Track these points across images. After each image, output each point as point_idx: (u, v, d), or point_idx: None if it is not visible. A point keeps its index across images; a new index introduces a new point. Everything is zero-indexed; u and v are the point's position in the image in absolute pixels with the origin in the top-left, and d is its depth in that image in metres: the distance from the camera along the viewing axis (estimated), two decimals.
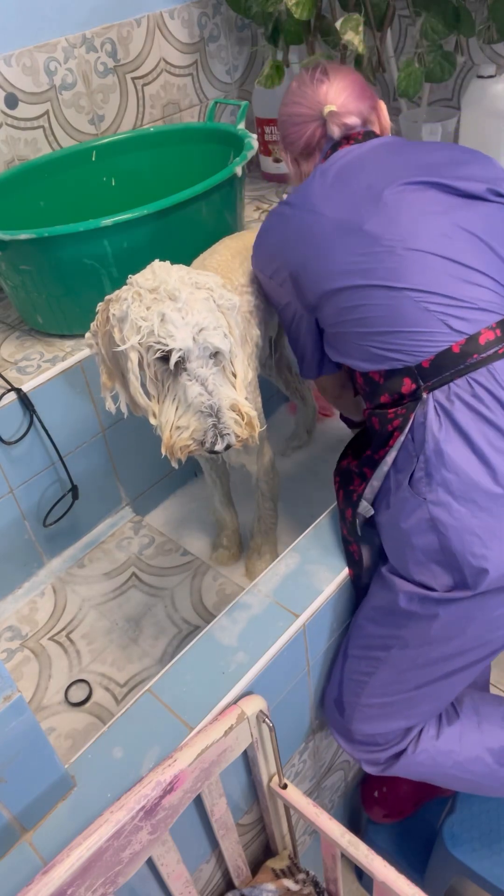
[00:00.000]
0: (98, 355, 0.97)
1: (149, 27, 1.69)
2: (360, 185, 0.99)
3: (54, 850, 0.77)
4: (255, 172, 2.04)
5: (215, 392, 0.89)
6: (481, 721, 1.07)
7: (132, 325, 0.88)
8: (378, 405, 0.99)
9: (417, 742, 1.05)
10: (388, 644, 0.97)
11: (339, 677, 1.05)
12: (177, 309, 0.87)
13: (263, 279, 1.11)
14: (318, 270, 0.99)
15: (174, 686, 0.90)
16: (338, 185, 1.01)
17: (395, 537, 0.95)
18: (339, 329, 1.00)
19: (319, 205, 1.00)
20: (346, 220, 0.97)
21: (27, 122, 1.56)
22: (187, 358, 0.88)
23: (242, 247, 1.22)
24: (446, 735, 1.06)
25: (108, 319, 0.92)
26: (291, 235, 1.02)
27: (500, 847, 1.16)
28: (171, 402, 0.90)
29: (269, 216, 1.08)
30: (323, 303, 1.00)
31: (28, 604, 1.42)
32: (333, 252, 0.97)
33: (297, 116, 1.11)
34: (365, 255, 0.95)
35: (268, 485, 1.33)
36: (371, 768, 1.08)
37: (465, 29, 1.54)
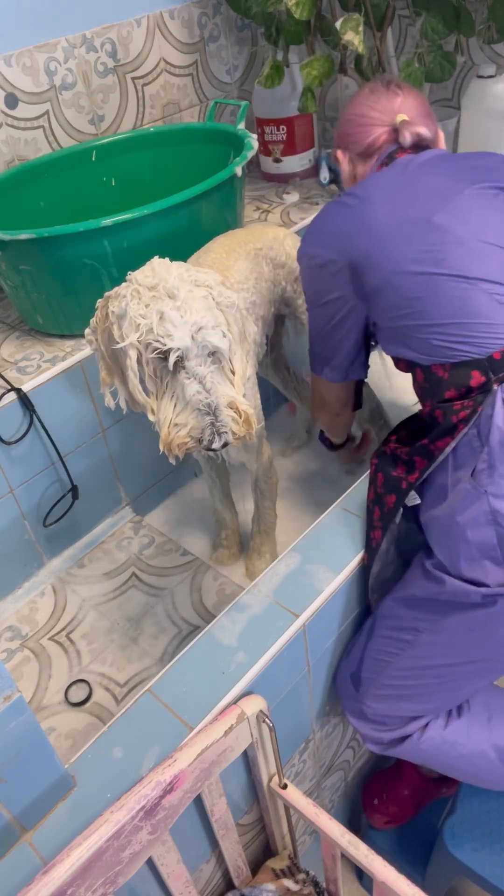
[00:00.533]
0: (97, 351, 0.97)
1: (149, 27, 1.69)
2: (426, 184, 1.00)
3: (54, 850, 0.77)
4: (255, 172, 2.04)
5: (213, 390, 0.89)
6: (491, 717, 1.07)
7: (131, 322, 0.88)
8: (442, 400, 0.97)
9: (424, 730, 1.06)
10: (420, 628, 0.97)
11: (360, 654, 1.05)
12: (175, 307, 0.87)
13: (312, 268, 1.07)
14: (382, 258, 0.97)
15: (174, 686, 0.90)
16: (403, 182, 1.01)
17: (448, 532, 0.93)
18: (399, 322, 0.98)
19: (385, 197, 1.00)
20: (413, 213, 0.97)
21: (27, 122, 1.56)
22: (186, 356, 0.88)
23: (237, 244, 1.22)
24: (454, 727, 1.06)
25: (107, 316, 0.92)
26: (355, 225, 1.00)
27: (500, 847, 1.16)
28: (170, 399, 0.91)
29: (328, 206, 1.06)
30: (384, 292, 0.98)
31: (28, 604, 1.42)
32: (400, 241, 0.96)
33: (366, 118, 1.12)
34: (434, 245, 0.94)
35: (266, 484, 1.33)
36: (374, 747, 1.10)
37: (465, 29, 1.55)
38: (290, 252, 1.30)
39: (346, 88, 2.04)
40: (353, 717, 1.09)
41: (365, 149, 1.13)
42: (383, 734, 1.07)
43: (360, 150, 1.14)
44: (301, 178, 1.97)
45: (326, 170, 1.90)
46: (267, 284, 1.25)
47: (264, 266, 1.25)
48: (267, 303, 1.26)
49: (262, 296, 1.23)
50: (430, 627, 0.97)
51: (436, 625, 0.96)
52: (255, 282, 1.20)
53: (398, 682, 1.02)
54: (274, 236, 1.30)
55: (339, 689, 1.11)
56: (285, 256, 1.29)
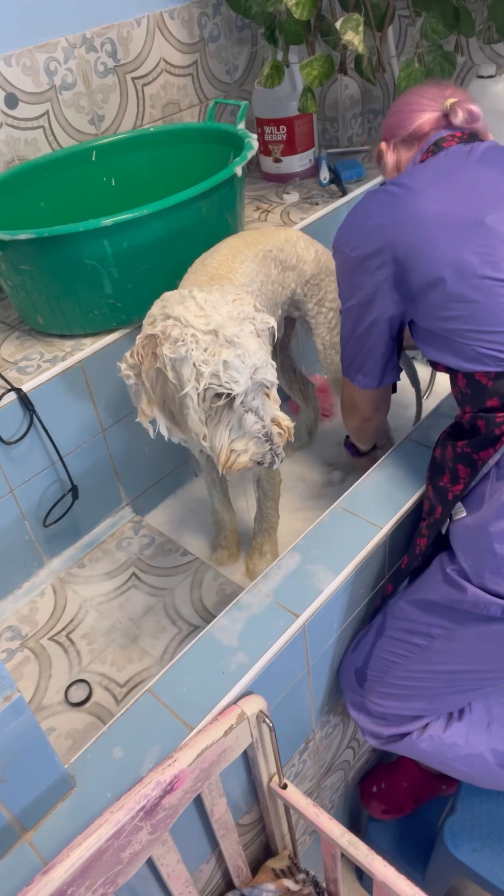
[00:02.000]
0: (137, 385, 0.98)
1: (149, 27, 1.69)
2: (480, 180, 0.96)
3: (54, 850, 0.77)
4: (255, 172, 2.04)
5: (265, 417, 0.95)
6: (491, 721, 1.07)
7: (193, 369, 0.91)
8: (484, 409, 0.95)
9: (424, 730, 1.06)
10: (433, 634, 0.96)
11: (368, 651, 1.05)
12: (237, 355, 0.90)
13: (351, 260, 1.01)
14: (431, 255, 0.93)
15: (174, 686, 0.90)
16: (456, 176, 0.97)
17: (477, 541, 0.91)
18: (444, 325, 0.95)
19: (436, 191, 0.96)
20: (466, 211, 0.93)
21: (27, 122, 1.56)
22: (245, 394, 0.93)
23: (245, 246, 1.22)
24: (454, 729, 1.06)
25: (154, 356, 0.94)
26: (403, 216, 0.96)
27: (500, 847, 1.16)
28: (225, 427, 0.95)
29: (372, 194, 1.02)
30: (430, 292, 0.95)
31: (28, 604, 1.42)
32: (451, 239, 0.92)
33: (414, 104, 1.10)
34: (486, 248, 0.91)
35: (269, 484, 1.33)
36: (373, 740, 1.10)
37: (465, 29, 1.55)
38: (301, 255, 1.30)
39: (346, 88, 2.04)
40: (354, 710, 1.09)
41: (411, 133, 1.09)
42: (383, 729, 1.07)
43: (406, 135, 1.10)
44: (301, 178, 1.97)
45: (326, 170, 1.90)
46: (274, 287, 1.25)
47: (272, 268, 1.25)
48: (273, 305, 1.26)
49: (267, 298, 1.23)
50: (444, 634, 0.96)
51: (450, 632, 0.95)
52: (260, 284, 1.20)
53: (404, 683, 1.02)
54: (286, 238, 1.29)
55: (342, 682, 1.11)
56: (296, 259, 1.29)
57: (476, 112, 1.07)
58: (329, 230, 1.78)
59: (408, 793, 1.36)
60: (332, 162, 1.93)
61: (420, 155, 1.07)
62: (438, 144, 1.05)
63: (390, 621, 1.03)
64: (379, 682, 1.04)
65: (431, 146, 1.06)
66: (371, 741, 1.10)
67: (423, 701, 1.03)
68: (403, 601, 1.01)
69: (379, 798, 1.37)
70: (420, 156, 1.07)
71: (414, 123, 1.09)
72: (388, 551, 1.10)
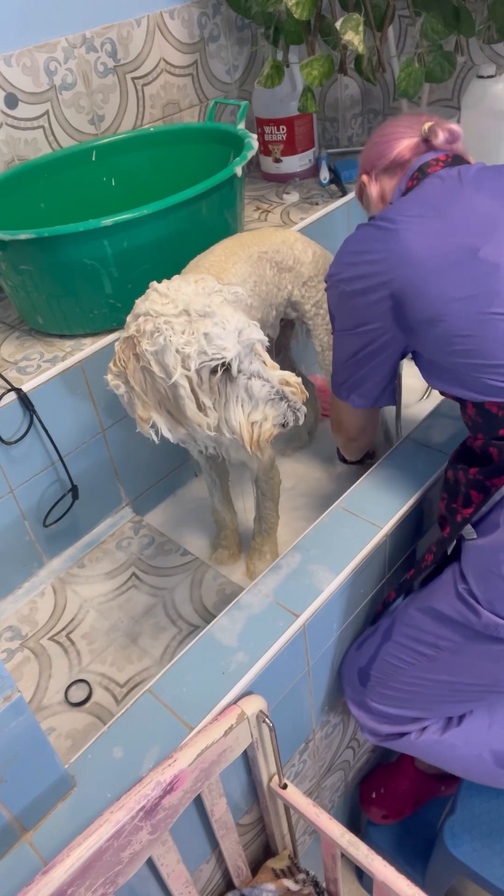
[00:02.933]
0: (129, 393, 0.97)
1: (149, 27, 1.69)
2: (470, 207, 0.94)
3: (54, 850, 0.77)
4: (255, 172, 2.04)
5: (270, 378, 0.93)
6: (492, 723, 1.07)
7: (176, 354, 0.89)
8: (496, 437, 0.94)
9: (423, 732, 1.05)
10: (441, 646, 0.95)
11: (373, 652, 1.04)
12: (215, 323, 0.89)
13: (347, 296, 1.00)
14: (428, 292, 0.92)
15: (174, 686, 0.90)
16: (444, 205, 0.95)
17: (488, 566, 0.89)
18: (450, 358, 0.93)
19: (426, 224, 0.94)
20: (457, 242, 0.91)
21: (27, 122, 1.56)
22: (240, 360, 0.91)
23: (239, 247, 1.22)
24: (453, 732, 1.06)
25: (136, 356, 0.92)
26: (395, 253, 0.94)
27: (500, 847, 1.16)
28: (235, 403, 0.93)
29: (363, 230, 0.99)
30: (429, 329, 0.93)
31: (28, 604, 1.42)
32: (446, 274, 0.91)
33: (392, 134, 1.09)
34: (482, 280, 0.89)
35: (268, 484, 1.33)
36: (371, 737, 1.10)
37: (465, 29, 1.55)
38: (298, 256, 1.29)
39: (346, 88, 2.04)
40: (353, 707, 1.09)
41: (392, 161, 1.08)
42: (382, 727, 1.07)
43: (387, 163, 1.09)
44: (301, 178, 1.97)
45: (326, 170, 1.90)
46: (269, 288, 1.25)
47: (267, 270, 1.25)
48: (267, 306, 1.26)
49: (261, 299, 1.23)
50: (451, 647, 0.94)
51: (459, 647, 0.94)
52: (254, 285, 1.20)
53: (407, 689, 1.01)
54: (283, 240, 1.29)
55: (344, 678, 1.11)
56: (293, 260, 1.28)
57: (456, 131, 1.06)
58: (329, 230, 1.78)
59: (407, 796, 1.36)
60: (332, 162, 1.93)
61: (405, 182, 1.06)
62: (423, 170, 1.03)
63: (398, 626, 1.02)
64: (381, 684, 1.04)
65: (416, 172, 1.04)
66: (369, 738, 1.10)
67: (424, 707, 1.03)
68: (413, 608, 1.00)
69: (378, 803, 1.37)
70: (405, 183, 1.06)
71: (394, 151, 1.08)
72: (389, 551, 1.10)
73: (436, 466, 1.14)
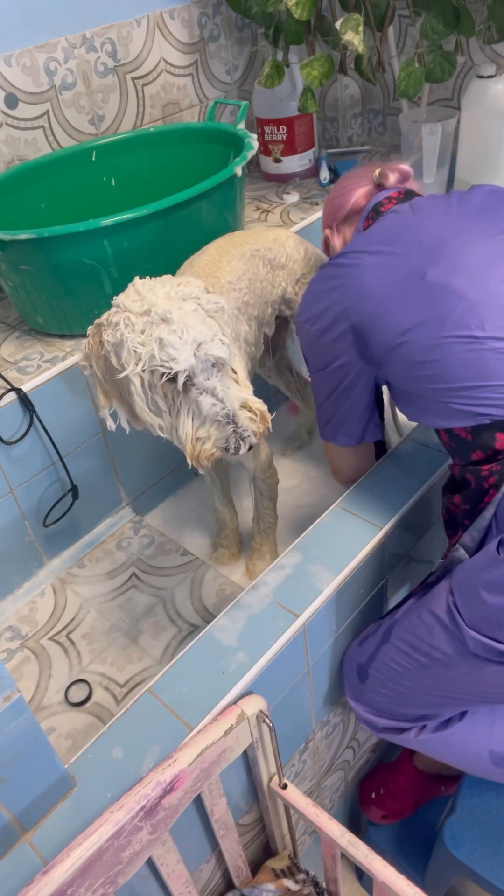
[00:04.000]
0: (93, 377, 0.98)
1: (149, 27, 1.69)
2: (417, 234, 0.96)
3: (54, 850, 0.77)
4: (255, 172, 2.04)
5: (226, 398, 0.91)
6: (494, 723, 1.06)
7: (130, 352, 0.89)
8: (470, 462, 0.94)
9: (421, 731, 1.05)
10: (434, 657, 0.94)
11: (373, 651, 1.03)
12: (172, 331, 0.87)
13: (313, 335, 1.02)
14: (384, 322, 0.93)
15: (174, 686, 0.90)
16: (393, 236, 0.97)
17: (472, 585, 0.88)
18: (412, 386, 0.94)
19: (377, 257, 0.95)
20: (406, 269, 0.92)
21: (27, 122, 1.56)
22: (193, 374, 0.89)
23: (232, 245, 1.22)
24: (453, 729, 1.05)
25: (100, 344, 0.93)
26: (351, 288, 0.96)
27: (500, 847, 1.16)
28: (186, 415, 0.92)
29: (322, 271, 1.02)
30: (391, 358, 0.94)
31: (28, 604, 1.42)
32: (398, 302, 0.92)
33: (346, 186, 1.15)
34: (433, 304, 0.89)
35: (265, 483, 1.33)
36: (368, 728, 1.09)
37: (465, 29, 1.55)
38: (290, 253, 1.30)
39: (346, 88, 2.04)
40: (353, 701, 1.09)
41: (349, 211, 1.14)
42: (379, 720, 1.07)
43: (345, 214, 1.15)
44: (301, 178, 1.97)
45: (326, 170, 1.90)
46: (263, 285, 1.25)
47: (261, 267, 1.25)
48: (262, 303, 1.26)
49: (256, 296, 1.23)
50: (444, 660, 0.93)
51: (449, 659, 0.93)
52: (248, 282, 1.20)
53: (405, 691, 1.01)
54: (274, 238, 1.30)
55: (344, 672, 1.10)
56: (285, 258, 1.29)
57: (407, 170, 1.10)
58: None
59: (407, 796, 1.36)
60: (332, 162, 1.93)
61: (362, 223, 1.10)
62: (377, 209, 1.08)
63: (397, 629, 1.01)
64: (380, 683, 1.04)
65: (370, 212, 1.09)
66: (367, 729, 1.10)
67: (423, 708, 1.03)
68: (413, 614, 0.99)
69: (378, 804, 1.37)
70: (362, 224, 1.10)
71: (350, 201, 1.14)
72: (389, 551, 1.10)
73: (436, 466, 1.14)
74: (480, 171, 1.70)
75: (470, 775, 1.24)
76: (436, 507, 1.19)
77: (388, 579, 1.14)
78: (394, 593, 1.19)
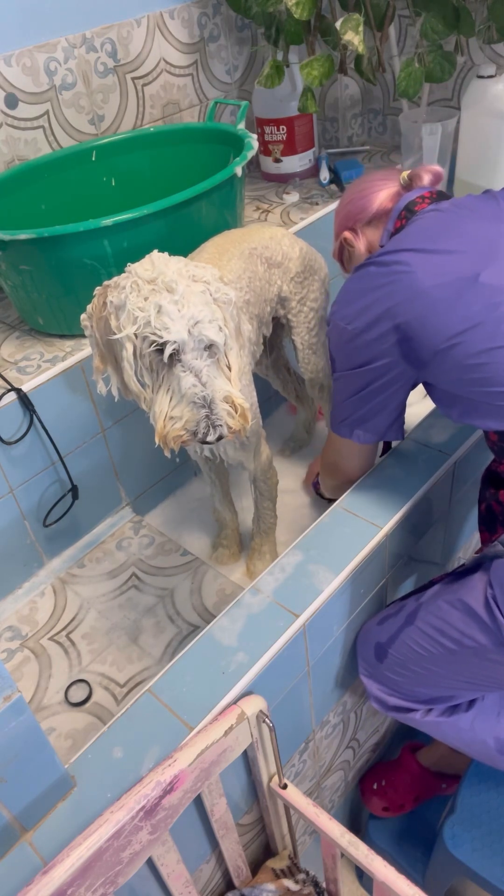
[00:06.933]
0: (91, 338, 0.97)
1: (149, 27, 1.69)
2: (467, 235, 0.93)
3: (54, 850, 0.77)
4: (255, 172, 2.05)
5: (209, 384, 0.89)
6: (502, 711, 1.06)
7: (129, 314, 0.88)
8: None
9: (428, 713, 1.05)
10: (465, 643, 0.94)
11: (394, 632, 1.02)
12: (173, 301, 0.87)
13: (347, 334, 0.98)
14: (434, 325, 0.90)
15: (174, 686, 0.90)
16: (441, 237, 0.94)
17: None
18: (461, 388, 0.92)
19: (425, 257, 0.92)
20: (460, 273, 0.90)
21: (27, 122, 1.56)
22: (182, 350, 0.88)
23: (230, 244, 1.22)
24: (461, 716, 1.05)
25: (104, 305, 0.93)
26: (398, 289, 0.93)
27: (500, 847, 1.16)
28: (165, 392, 0.91)
29: (362, 271, 0.98)
30: (439, 360, 0.92)
31: (28, 604, 1.42)
32: (450, 306, 0.89)
33: (367, 189, 1.10)
34: (488, 308, 0.87)
35: (265, 484, 1.33)
36: (377, 705, 1.09)
37: (465, 29, 1.54)
38: (286, 252, 1.30)
39: (346, 88, 2.04)
40: (366, 678, 1.09)
41: (375, 214, 1.10)
42: (390, 698, 1.07)
43: (370, 216, 1.10)
44: (301, 178, 1.97)
45: (326, 170, 1.90)
46: (261, 283, 1.25)
47: (259, 265, 1.25)
48: (262, 302, 1.26)
49: (256, 295, 1.23)
50: (474, 647, 0.93)
51: (482, 649, 0.93)
52: (248, 281, 1.20)
53: (424, 673, 1.01)
54: (271, 236, 1.29)
55: (359, 649, 1.10)
56: (281, 256, 1.29)
57: (439, 171, 1.07)
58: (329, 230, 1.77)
59: (408, 790, 1.37)
60: (332, 162, 1.93)
61: (392, 223, 1.06)
62: (410, 209, 1.04)
63: (423, 613, 1.00)
64: (398, 664, 1.03)
65: (403, 212, 1.05)
66: (375, 705, 1.09)
67: (438, 691, 1.03)
68: (442, 599, 0.98)
69: (379, 795, 1.37)
70: (392, 224, 1.06)
71: (374, 203, 1.10)
72: (389, 551, 1.10)
73: (436, 466, 1.14)
74: (480, 172, 1.70)
75: (470, 775, 1.24)
76: (436, 508, 1.19)
77: (388, 579, 1.14)
78: (394, 593, 1.19)
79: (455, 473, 1.19)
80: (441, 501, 1.20)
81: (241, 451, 1.22)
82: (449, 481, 1.18)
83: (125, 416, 1.46)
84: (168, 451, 0.93)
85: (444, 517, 1.25)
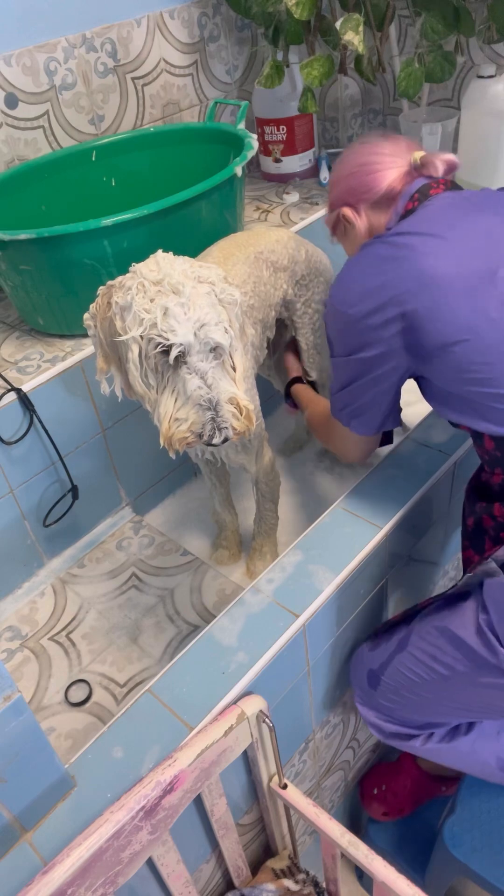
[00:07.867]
0: (94, 338, 0.97)
1: (149, 27, 1.69)
2: (486, 229, 0.88)
3: (54, 850, 0.77)
4: (255, 172, 2.05)
5: (214, 386, 0.90)
6: (502, 730, 1.06)
7: (135, 316, 0.88)
8: None
9: (428, 739, 1.05)
10: (457, 669, 0.92)
11: (387, 659, 1.01)
12: (180, 304, 0.87)
13: (348, 318, 0.92)
14: (445, 316, 0.85)
15: (174, 686, 0.90)
16: (457, 226, 0.89)
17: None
18: (459, 387, 0.89)
19: (440, 245, 0.87)
20: (476, 265, 0.85)
21: (27, 122, 1.56)
22: (188, 352, 0.88)
23: (236, 248, 1.22)
24: (462, 739, 1.05)
25: (109, 305, 0.92)
26: (407, 275, 0.87)
27: (500, 847, 1.16)
28: (171, 393, 0.91)
29: (368, 251, 0.92)
30: (442, 355, 0.87)
31: (28, 604, 1.42)
32: (465, 299, 0.85)
33: (373, 164, 1.01)
34: (501, 306, 0.84)
35: (268, 486, 1.33)
36: (375, 732, 1.09)
37: (465, 29, 1.54)
38: (292, 255, 1.29)
39: (346, 88, 2.04)
40: (362, 706, 1.08)
41: (382, 196, 1.02)
42: (387, 725, 1.07)
43: (376, 198, 1.02)
44: (301, 178, 1.97)
45: (326, 170, 1.90)
46: (266, 288, 1.25)
47: (264, 270, 1.25)
48: (266, 307, 1.26)
49: (260, 300, 1.23)
50: (466, 673, 0.91)
51: (474, 673, 0.91)
52: (253, 286, 1.20)
53: (417, 699, 1.00)
54: (276, 239, 1.29)
55: (353, 677, 1.09)
56: (287, 260, 1.28)
57: (455, 161, 1.00)
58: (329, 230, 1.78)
59: (408, 794, 1.36)
60: (332, 162, 1.92)
61: (403, 203, 1.00)
62: (424, 192, 0.97)
63: (414, 639, 0.98)
64: (392, 690, 1.02)
65: (416, 194, 0.98)
66: (374, 733, 1.09)
67: (432, 717, 1.02)
68: (431, 625, 0.96)
69: (379, 800, 1.37)
70: (403, 205, 1.00)
71: (383, 184, 1.01)
72: (389, 551, 1.10)
73: (436, 466, 1.14)
74: (480, 171, 1.70)
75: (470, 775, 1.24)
76: (436, 508, 1.19)
77: (388, 579, 1.14)
78: (394, 593, 1.19)
79: (455, 473, 1.19)
80: (441, 502, 1.20)
81: (242, 453, 1.22)
82: (449, 481, 1.18)
83: (125, 416, 1.46)
84: (173, 452, 0.93)
85: (443, 517, 1.25)
